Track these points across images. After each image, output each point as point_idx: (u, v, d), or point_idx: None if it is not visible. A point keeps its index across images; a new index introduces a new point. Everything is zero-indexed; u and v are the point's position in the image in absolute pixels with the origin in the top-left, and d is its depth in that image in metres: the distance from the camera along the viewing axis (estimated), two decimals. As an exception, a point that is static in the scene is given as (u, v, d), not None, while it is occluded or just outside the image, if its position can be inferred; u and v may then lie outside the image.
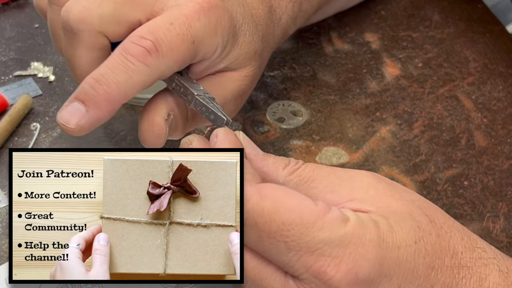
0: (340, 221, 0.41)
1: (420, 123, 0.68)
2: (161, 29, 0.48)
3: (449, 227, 0.45)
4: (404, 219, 0.43)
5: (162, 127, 0.50)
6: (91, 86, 0.47)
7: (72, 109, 0.47)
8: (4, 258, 0.55)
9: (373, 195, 0.44)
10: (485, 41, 0.77)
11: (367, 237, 0.41)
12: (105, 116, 0.48)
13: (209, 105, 0.48)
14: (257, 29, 0.56)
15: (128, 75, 0.47)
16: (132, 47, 0.47)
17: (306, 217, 0.41)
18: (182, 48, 0.48)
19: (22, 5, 0.79)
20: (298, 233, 0.41)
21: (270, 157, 0.46)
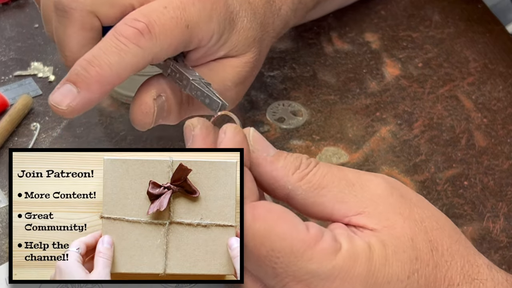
0: (331, 252, 0.41)
1: (420, 123, 0.68)
2: (154, 12, 0.48)
3: (451, 254, 0.43)
4: (403, 249, 0.42)
5: (150, 106, 0.50)
6: (83, 67, 0.47)
7: (63, 90, 0.47)
8: (4, 258, 0.55)
9: (381, 212, 0.43)
10: (485, 41, 0.77)
11: (356, 271, 0.40)
12: (97, 97, 0.47)
13: (204, 89, 0.48)
14: (256, 16, 0.56)
15: (120, 56, 0.47)
16: (125, 29, 0.47)
17: (296, 246, 0.40)
18: (175, 31, 0.48)
19: (22, 5, 0.79)
20: (286, 261, 0.40)
21: (280, 159, 0.45)
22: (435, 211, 0.45)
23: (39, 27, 0.76)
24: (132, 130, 0.65)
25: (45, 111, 0.67)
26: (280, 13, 0.61)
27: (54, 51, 0.73)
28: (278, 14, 0.61)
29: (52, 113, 0.66)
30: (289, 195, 0.44)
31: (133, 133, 0.65)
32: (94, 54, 0.47)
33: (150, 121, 0.50)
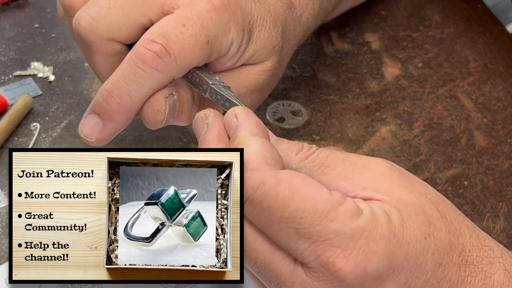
0: (354, 213, 0.41)
1: (420, 123, 0.68)
2: (172, 31, 0.47)
3: (459, 223, 0.45)
4: (415, 213, 0.43)
5: (161, 103, 0.49)
6: (104, 99, 0.48)
7: (90, 122, 0.49)
8: (4, 258, 0.55)
9: (386, 185, 0.44)
10: (485, 41, 0.77)
11: (379, 231, 0.41)
12: (122, 126, 0.49)
13: (224, 93, 0.48)
14: (276, 24, 0.56)
15: (139, 83, 0.47)
16: (142, 53, 0.47)
17: (320, 206, 0.41)
18: (195, 49, 0.48)
19: (22, 5, 0.79)
20: (310, 221, 0.40)
21: (283, 142, 0.45)
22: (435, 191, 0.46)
23: (39, 27, 0.76)
24: (132, 130, 0.65)
25: (45, 111, 0.67)
26: (301, 20, 0.60)
27: (54, 51, 0.73)
28: (299, 21, 0.60)
29: (52, 113, 0.66)
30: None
31: (133, 133, 0.65)
32: (114, 83, 0.48)
33: (161, 118, 0.50)
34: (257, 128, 0.44)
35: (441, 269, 0.43)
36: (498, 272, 0.44)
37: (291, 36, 0.59)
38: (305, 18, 0.61)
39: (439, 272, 0.43)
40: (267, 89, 0.57)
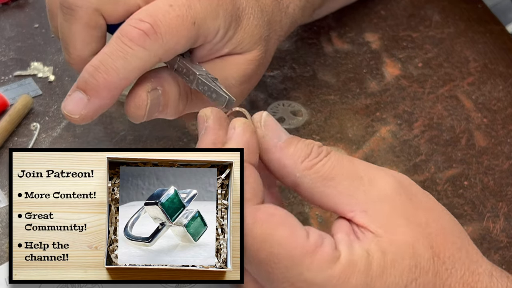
0: (329, 260, 0.40)
1: (420, 123, 0.68)
2: (160, 10, 0.48)
3: (453, 261, 0.43)
4: (402, 257, 0.41)
5: (143, 99, 0.49)
6: (91, 74, 0.47)
7: (74, 98, 0.48)
8: (4, 258, 0.55)
9: (385, 213, 0.42)
10: (485, 41, 0.77)
11: (353, 282, 0.40)
12: (107, 103, 0.48)
13: (211, 84, 0.48)
14: (263, 14, 0.55)
15: (126, 60, 0.47)
16: (130, 30, 0.47)
17: (294, 252, 0.40)
18: (182, 29, 0.48)
19: (22, 5, 0.79)
20: (284, 267, 0.40)
21: (291, 147, 0.44)
22: (442, 214, 0.45)
23: (39, 27, 0.76)
24: (132, 130, 0.65)
25: (45, 111, 0.67)
26: (288, 11, 0.60)
27: (54, 51, 0.73)
28: (286, 12, 0.60)
29: (52, 113, 0.66)
30: (297, 182, 0.44)
31: (133, 133, 0.65)
32: (101, 59, 0.47)
33: (142, 113, 0.50)
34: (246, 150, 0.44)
35: None
36: None
37: (277, 27, 0.59)
38: (291, 10, 0.61)
39: None
40: (254, 79, 0.56)
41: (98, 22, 0.49)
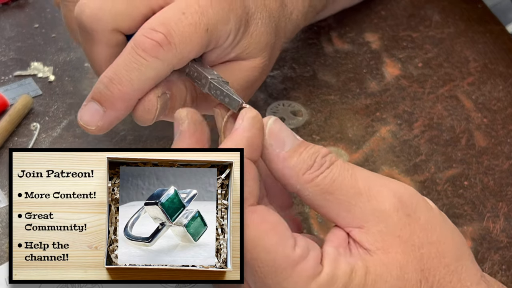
0: (309, 275, 0.41)
1: (420, 123, 0.68)
2: (172, 19, 0.47)
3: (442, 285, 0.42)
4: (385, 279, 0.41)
5: (153, 103, 0.49)
6: (105, 86, 0.47)
7: (90, 110, 0.48)
8: (4, 258, 0.55)
9: (380, 230, 0.42)
10: (485, 41, 0.77)
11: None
12: (123, 114, 0.48)
13: (224, 88, 0.48)
14: (270, 20, 0.55)
15: (140, 71, 0.47)
16: (144, 41, 0.47)
17: (278, 261, 0.41)
18: (195, 37, 0.48)
19: (22, 5, 0.79)
20: (265, 272, 0.41)
21: (294, 157, 0.44)
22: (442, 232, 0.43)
23: (39, 27, 0.76)
24: (132, 130, 0.65)
25: (45, 111, 0.67)
26: (291, 17, 0.60)
27: (54, 51, 0.73)
28: (290, 18, 0.60)
29: (52, 113, 0.66)
30: (298, 193, 0.44)
31: (133, 133, 0.65)
32: (115, 71, 0.47)
33: (151, 117, 0.50)
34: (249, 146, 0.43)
35: None
36: None
37: (281, 33, 0.59)
38: (295, 16, 0.61)
39: None
40: (257, 84, 0.56)
41: (117, 40, 0.50)
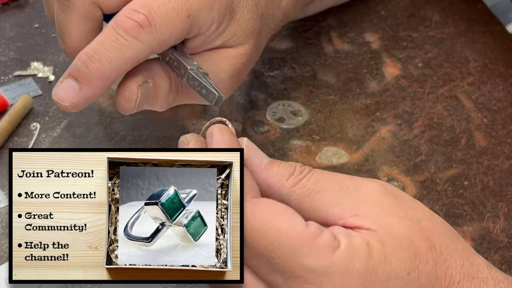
0: (329, 248, 0.40)
1: (420, 123, 0.68)
2: (155, 2, 0.47)
3: (450, 253, 0.43)
4: (401, 247, 0.42)
5: (133, 92, 0.49)
6: (83, 62, 0.47)
7: (66, 86, 0.47)
8: (4, 258, 0.55)
9: (376, 212, 0.43)
10: (485, 41, 0.77)
11: (355, 267, 0.40)
12: (98, 92, 0.48)
13: (202, 79, 0.48)
14: (257, 7, 0.55)
15: (120, 51, 0.47)
16: (125, 21, 0.47)
17: (293, 241, 0.40)
18: (176, 22, 0.48)
19: (22, 5, 0.79)
20: (283, 256, 0.40)
21: (274, 166, 0.45)
22: (430, 213, 0.45)
23: (39, 27, 0.76)
24: (132, 130, 0.65)
25: (45, 111, 0.67)
26: (281, 5, 0.60)
27: (54, 51, 0.73)
28: (279, 5, 0.60)
29: (52, 113, 0.66)
30: (284, 200, 0.44)
31: (133, 133, 0.65)
32: (94, 48, 0.47)
33: (132, 106, 0.50)
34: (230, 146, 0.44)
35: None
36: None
37: (270, 20, 0.59)
38: (284, 3, 0.61)
39: None
40: (244, 73, 0.56)
41: (95, 14, 0.49)
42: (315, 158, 0.64)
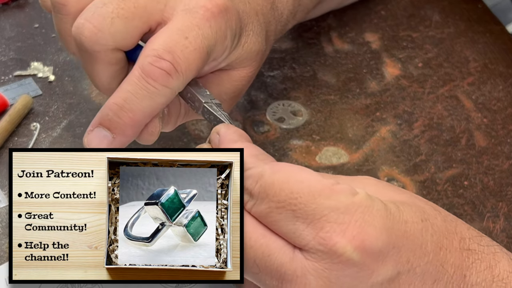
0: (348, 192, 0.42)
1: (420, 123, 0.68)
2: (177, 46, 0.48)
3: (453, 219, 0.45)
4: (409, 205, 0.43)
5: (156, 126, 0.50)
6: (115, 113, 0.48)
7: (98, 135, 0.48)
8: (4, 258, 0.55)
9: (374, 191, 0.44)
10: (485, 41, 0.77)
11: (375, 207, 0.41)
12: (131, 140, 0.49)
13: (217, 113, 0.49)
14: (262, 28, 0.56)
15: (151, 99, 0.48)
16: (152, 71, 0.47)
17: (314, 186, 0.41)
18: (199, 62, 0.49)
19: (22, 5, 0.79)
20: (305, 200, 0.41)
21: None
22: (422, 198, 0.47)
23: (39, 27, 0.76)
24: (132, 130, 0.65)
25: (45, 111, 0.67)
26: (282, 18, 0.61)
27: (54, 51, 0.73)
28: (279, 20, 0.60)
29: (52, 113, 0.66)
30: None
31: (133, 133, 0.65)
32: (125, 98, 0.48)
33: (155, 139, 0.51)
34: (237, 136, 0.46)
35: (443, 252, 0.42)
36: (502, 261, 0.44)
37: (272, 35, 0.59)
38: (285, 17, 0.61)
39: (441, 255, 0.42)
40: (243, 92, 0.57)
41: (118, 58, 0.50)
42: (315, 158, 0.64)
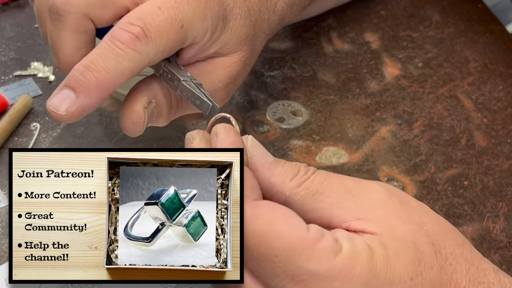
0: (331, 252, 0.40)
1: (420, 123, 0.68)
2: (149, 14, 0.48)
3: (456, 257, 0.43)
4: (405, 250, 0.41)
5: (141, 115, 0.49)
6: (81, 73, 0.47)
7: (61, 96, 0.47)
8: (4, 258, 0.55)
9: (380, 216, 0.43)
10: (485, 41, 0.77)
11: (357, 271, 0.40)
12: (95, 103, 0.47)
13: (195, 90, 0.48)
14: (250, 13, 0.55)
15: (117, 61, 0.47)
16: (121, 33, 0.47)
17: (294, 244, 0.40)
18: (170, 32, 0.48)
19: (22, 5, 0.79)
20: (284, 260, 0.40)
21: (278, 166, 0.44)
22: (435, 216, 0.45)
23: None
24: (132, 130, 0.65)
25: (45, 111, 0.67)
26: (276, 8, 0.60)
27: (54, 51, 0.73)
28: (274, 10, 0.60)
29: (52, 113, 0.66)
30: (287, 201, 0.44)
31: (133, 133, 0.65)
32: (92, 59, 0.47)
33: (140, 129, 0.50)
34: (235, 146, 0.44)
35: None
36: None
37: (265, 25, 0.58)
38: (280, 7, 0.61)
39: None
40: (240, 79, 0.56)
41: (87, 27, 0.50)
42: (315, 158, 0.64)
